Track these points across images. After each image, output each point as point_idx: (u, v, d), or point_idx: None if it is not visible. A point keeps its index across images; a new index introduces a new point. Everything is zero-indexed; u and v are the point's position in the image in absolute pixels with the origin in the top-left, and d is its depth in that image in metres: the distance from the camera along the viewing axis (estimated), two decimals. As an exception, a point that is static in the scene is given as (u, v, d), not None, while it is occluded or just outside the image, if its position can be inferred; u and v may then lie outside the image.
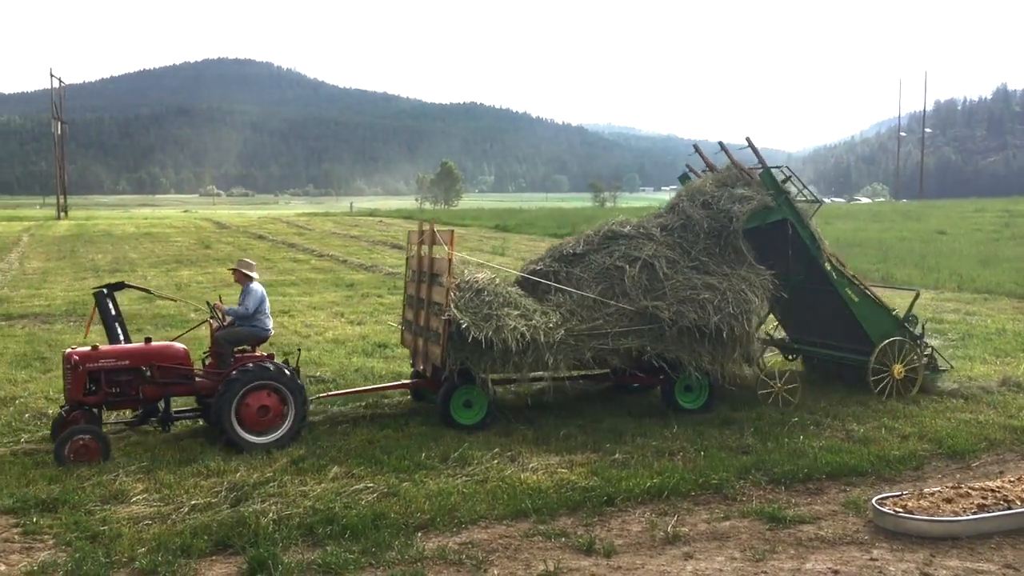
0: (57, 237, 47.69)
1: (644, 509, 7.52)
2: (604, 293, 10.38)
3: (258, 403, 9.15)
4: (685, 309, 10.14)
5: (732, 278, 10.53)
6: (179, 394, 9.69)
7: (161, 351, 9.51)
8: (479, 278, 10.34)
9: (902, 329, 11.52)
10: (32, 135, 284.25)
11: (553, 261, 10.99)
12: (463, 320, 9.62)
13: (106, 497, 7.65)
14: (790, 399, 10.84)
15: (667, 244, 10.84)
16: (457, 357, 9.75)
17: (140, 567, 6.26)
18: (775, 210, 11.09)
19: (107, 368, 9.19)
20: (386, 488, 7.84)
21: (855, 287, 11.42)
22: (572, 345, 10.00)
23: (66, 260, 33.27)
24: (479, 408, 9.97)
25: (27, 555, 6.55)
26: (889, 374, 11.19)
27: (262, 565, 6.23)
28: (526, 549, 6.69)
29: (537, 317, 9.95)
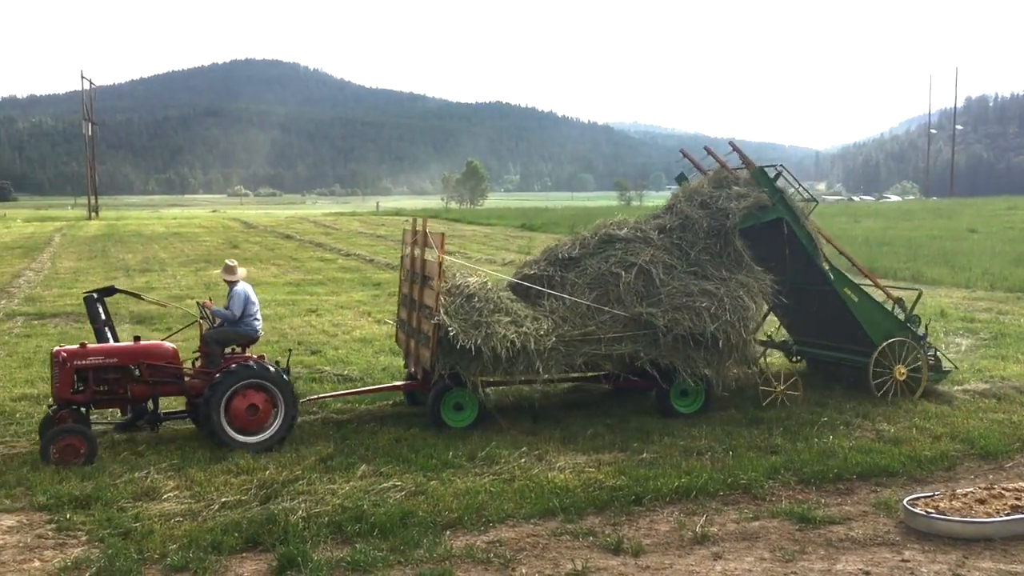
0: (88, 237, 48.27)
1: (672, 509, 7.49)
2: (598, 299, 10.19)
3: (247, 403, 9.11)
4: (680, 316, 9.97)
5: (730, 283, 10.35)
6: (168, 394, 9.68)
7: (150, 350, 9.49)
8: (471, 283, 10.20)
9: (904, 330, 11.28)
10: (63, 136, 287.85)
11: (548, 265, 10.80)
12: (452, 327, 9.49)
13: (138, 494, 7.74)
14: (792, 398, 10.69)
15: (664, 247, 10.65)
16: (446, 362, 9.62)
17: (171, 563, 6.32)
18: (771, 208, 10.93)
19: (95, 366, 9.17)
20: (414, 486, 7.87)
21: (855, 287, 11.21)
22: (563, 351, 9.84)
23: (97, 260, 33.65)
24: (470, 410, 9.87)
25: (61, 551, 6.63)
26: (891, 375, 10.97)
27: (292, 562, 6.27)
28: (554, 548, 6.68)
29: (528, 323, 9.77)
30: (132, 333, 12.86)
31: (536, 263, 11.04)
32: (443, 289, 9.81)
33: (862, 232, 41.59)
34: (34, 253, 37.29)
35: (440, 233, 10.16)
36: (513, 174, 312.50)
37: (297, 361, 13.82)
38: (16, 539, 6.87)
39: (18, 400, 11.29)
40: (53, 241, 45.35)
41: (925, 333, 11.60)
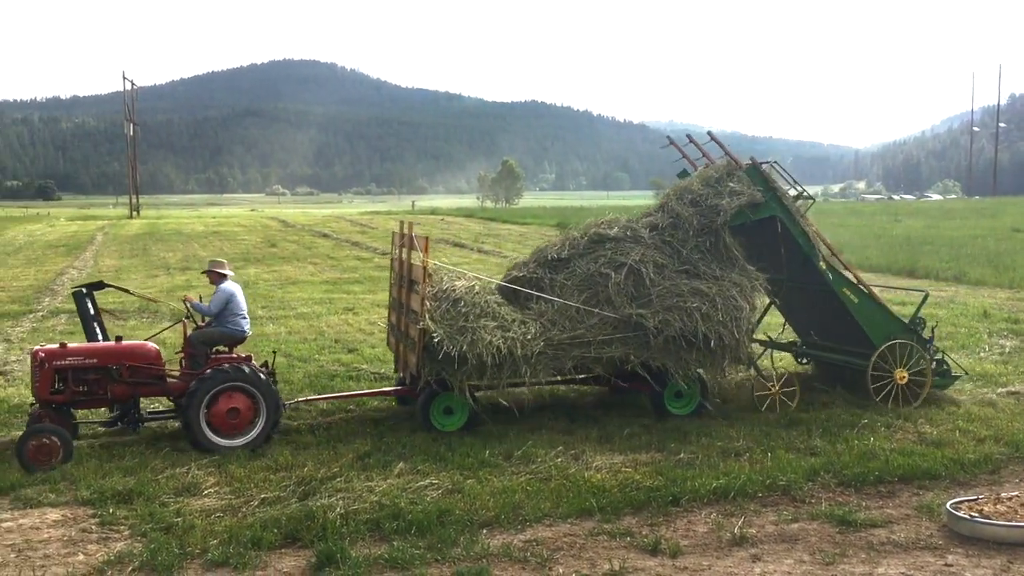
0: (130, 236, 48.97)
1: (710, 510, 7.44)
2: (588, 301, 9.99)
3: (228, 405, 9.01)
4: (671, 317, 9.78)
5: (723, 282, 10.16)
6: (149, 394, 9.63)
7: (131, 350, 9.40)
8: (457, 287, 10.00)
9: (908, 332, 10.94)
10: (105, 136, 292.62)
11: (537, 267, 10.58)
12: (437, 333, 9.33)
13: (179, 489, 7.85)
14: (788, 403, 10.51)
15: (655, 246, 10.42)
16: (432, 368, 9.46)
17: (212, 558, 6.40)
18: (764, 206, 10.69)
19: (74, 366, 9.10)
20: (451, 485, 7.89)
21: (854, 287, 10.91)
22: (552, 356, 9.67)
23: (138, 258, 34.15)
24: (461, 414, 9.77)
25: (104, 545, 6.74)
26: (891, 379, 10.66)
27: (330, 559, 6.32)
28: (591, 548, 6.67)
29: (515, 328, 9.60)
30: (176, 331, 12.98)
31: (525, 265, 10.81)
32: (429, 294, 9.65)
33: (903, 231, 41.04)
34: (77, 252, 37.94)
35: (425, 236, 10.00)
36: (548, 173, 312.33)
37: (334, 359, 13.96)
38: (61, 533, 6.99)
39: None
40: (95, 240, 46.09)
41: (931, 337, 11.23)
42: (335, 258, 33.36)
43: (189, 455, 8.81)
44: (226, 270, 10.15)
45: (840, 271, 10.95)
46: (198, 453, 8.87)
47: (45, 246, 41.86)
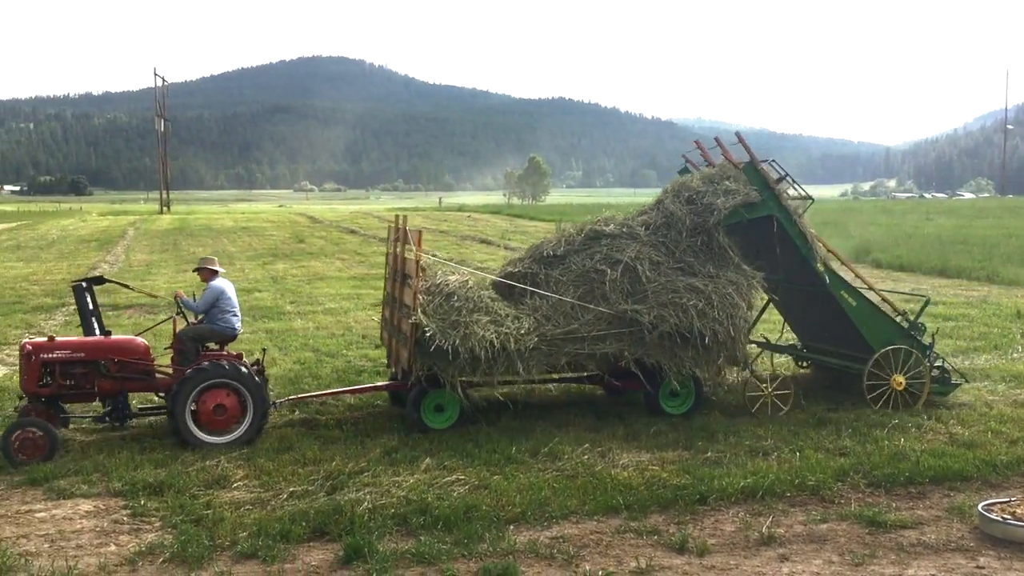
0: (160, 231, 49.50)
1: (738, 509, 7.40)
2: (583, 297, 9.90)
3: (214, 402, 8.99)
4: (667, 313, 9.67)
5: (718, 280, 10.05)
6: (137, 390, 9.61)
7: (119, 345, 9.39)
8: (450, 281, 9.89)
9: (907, 337, 10.71)
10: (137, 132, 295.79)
11: (533, 262, 10.49)
12: (429, 327, 9.23)
13: (209, 482, 7.92)
14: (781, 405, 10.34)
15: (651, 244, 10.31)
16: (424, 362, 9.35)
17: (241, 550, 6.45)
18: (760, 205, 10.52)
19: (62, 360, 9.08)
20: (477, 481, 7.90)
21: (852, 290, 10.69)
22: (545, 351, 9.57)
23: (169, 253, 34.51)
24: (451, 411, 9.67)
25: (136, 536, 6.82)
26: (888, 385, 10.45)
27: (358, 552, 6.35)
28: (617, 545, 6.66)
29: (509, 323, 9.51)
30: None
31: (521, 261, 10.71)
32: (422, 288, 9.58)
33: (934, 230, 40.58)
34: (109, 246, 38.40)
35: (418, 230, 9.94)
36: (576, 170, 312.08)
37: (362, 355, 14.04)
38: (93, 523, 7.09)
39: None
40: (127, 235, 46.63)
41: (932, 343, 10.99)
42: (362, 254, 33.51)
43: (219, 448, 8.88)
44: (217, 267, 10.13)
45: (838, 273, 10.76)
46: (228, 446, 8.94)
47: (77, 241, 42.42)
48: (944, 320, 16.80)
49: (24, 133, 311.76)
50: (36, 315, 18.34)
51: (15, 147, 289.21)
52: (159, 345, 10.97)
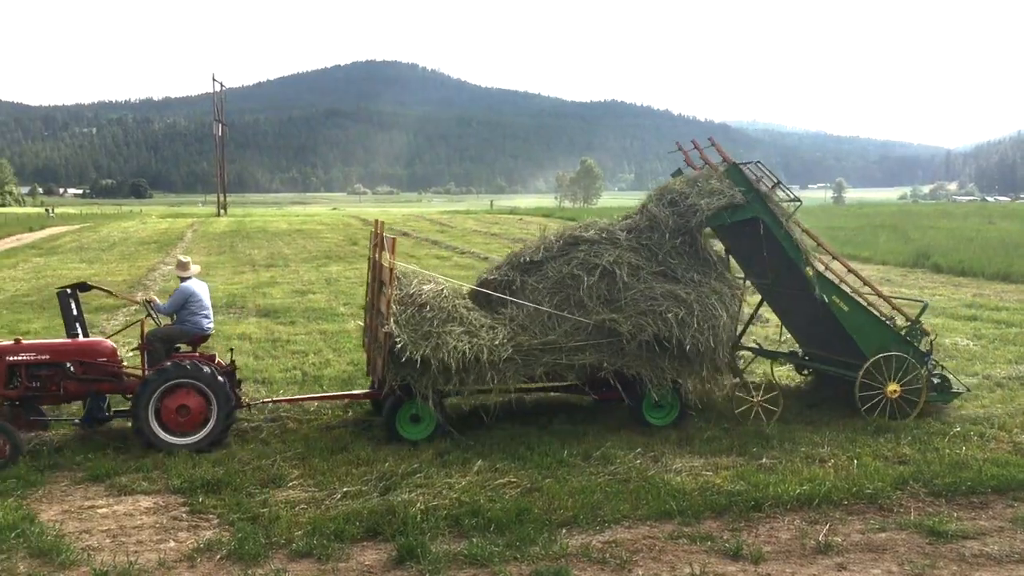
0: (218, 233, 50.35)
1: (793, 516, 7.30)
2: (560, 305, 9.70)
3: (178, 403, 8.97)
4: (645, 322, 9.43)
5: (701, 288, 9.81)
6: (104, 392, 9.57)
7: (85, 347, 9.40)
8: (424, 290, 9.72)
9: (903, 344, 10.38)
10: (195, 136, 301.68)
11: (510, 270, 10.29)
12: (400, 338, 9.08)
13: (265, 481, 8.04)
14: (772, 409, 10.11)
15: (632, 248, 10.07)
16: (397, 373, 9.19)
17: (297, 549, 6.54)
18: (745, 207, 10.26)
19: (27, 362, 9.12)
20: (529, 483, 7.90)
21: (844, 295, 10.38)
22: (521, 362, 9.36)
23: (226, 255, 35.07)
24: (428, 422, 9.45)
25: (194, 533, 6.95)
26: (881, 393, 10.13)
27: (411, 553, 6.40)
28: (671, 551, 6.61)
29: (483, 333, 9.34)
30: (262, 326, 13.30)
31: (499, 268, 10.50)
32: (396, 297, 9.48)
33: (997, 234, 39.56)
34: (168, 248, 39.16)
35: (393, 237, 9.84)
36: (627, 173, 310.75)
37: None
38: (153, 520, 7.23)
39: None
40: (185, 237, 47.52)
41: (929, 350, 10.67)
42: (415, 256, 33.70)
43: (274, 448, 9.01)
44: (189, 271, 10.14)
45: (828, 277, 10.47)
46: (284, 446, 9.07)
47: (138, 243, 43.34)
48: (1007, 327, 16.41)
49: (87, 138, 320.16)
50: (98, 315, 18.74)
51: (78, 151, 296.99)
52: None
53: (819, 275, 10.32)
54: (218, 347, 14.44)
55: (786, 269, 10.51)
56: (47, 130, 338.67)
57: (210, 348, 10.73)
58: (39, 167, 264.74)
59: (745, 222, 10.31)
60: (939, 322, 16.98)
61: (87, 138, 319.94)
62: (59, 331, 16.34)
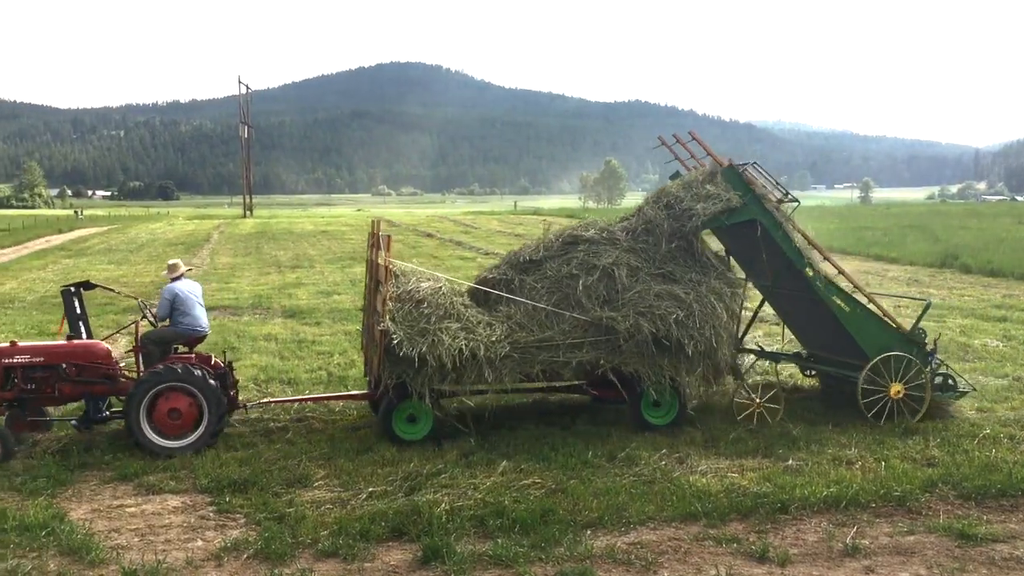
0: (243, 235, 50.73)
1: (820, 519, 7.24)
2: (558, 303, 9.65)
3: (168, 406, 8.97)
4: (644, 322, 9.36)
5: (700, 288, 9.73)
6: (99, 394, 9.58)
7: (79, 349, 9.44)
8: (422, 287, 9.67)
9: (906, 344, 10.21)
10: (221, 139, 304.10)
11: (508, 269, 10.27)
12: (396, 334, 9.03)
13: (291, 481, 8.08)
14: (770, 416, 9.99)
15: (631, 250, 10.04)
16: (393, 371, 9.15)
17: (322, 549, 6.57)
18: (742, 209, 10.17)
19: (23, 364, 9.20)
20: (554, 484, 7.89)
21: (845, 295, 10.23)
22: (518, 359, 9.29)
23: (252, 256, 35.33)
24: (425, 422, 9.41)
25: (221, 532, 7.00)
26: (885, 394, 9.98)
27: (436, 553, 6.41)
28: (696, 553, 6.58)
29: (480, 330, 9.28)
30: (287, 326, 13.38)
31: (497, 267, 10.49)
32: (392, 294, 9.46)
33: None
34: (195, 249, 39.53)
35: (388, 235, 9.82)
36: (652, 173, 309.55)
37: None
38: (181, 519, 7.30)
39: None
40: (212, 238, 47.93)
41: (934, 349, 10.48)
42: (439, 257, 33.79)
43: (299, 448, 9.06)
44: (175, 272, 10.13)
45: (829, 278, 10.31)
46: (309, 446, 9.12)
47: (165, 244, 43.76)
48: (1038, 327, 16.20)
49: (115, 140, 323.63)
50: (126, 316, 18.93)
51: (106, 154, 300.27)
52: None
53: (819, 275, 10.23)
54: (243, 348, 14.56)
55: (786, 270, 10.44)
56: (75, 133, 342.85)
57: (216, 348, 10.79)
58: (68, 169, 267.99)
59: (743, 224, 10.25)
60: (968, 323, 16.81)
61: (115, 140, 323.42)
62: (88, 332, 16.55)
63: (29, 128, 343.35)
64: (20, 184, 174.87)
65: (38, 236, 54.01)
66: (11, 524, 6.99)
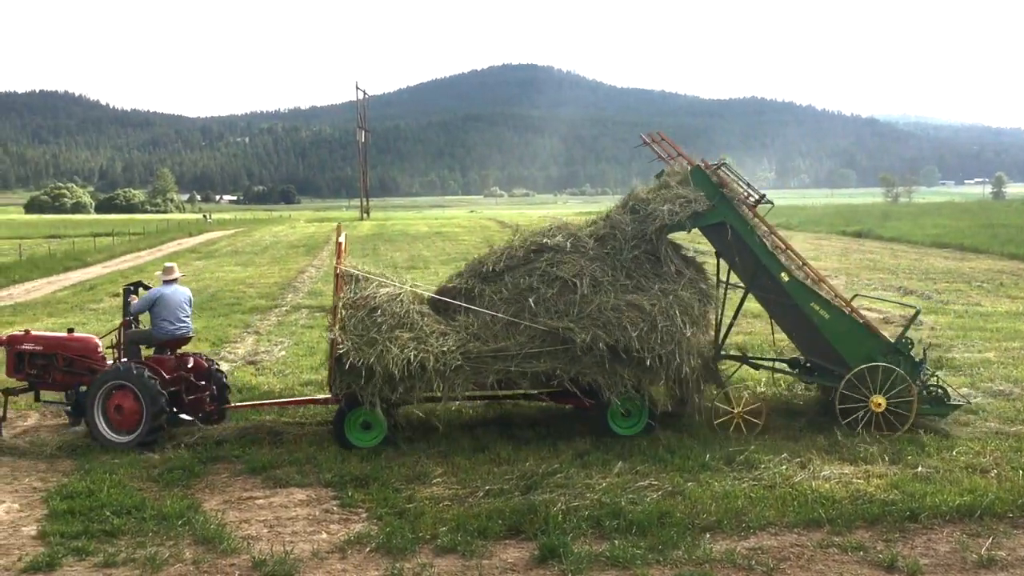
0: (361, 237, 52.02)
1: (952, 528, 6.94)
2: (517, 314, 9.36)
3: (115, 403, 9.43)
4: (602, 333, 9.04)
5: (668, 297, 9.30)
6: (85, 384, 9.96)
7: (70, 342, 10.17)
8: (380, 295, 9.51)
9: (892, 354, 9.55)
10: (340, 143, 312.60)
11: (471, 277, 10.01)
12: (344, 344, 8.92)
13: (410, 477, 8.26)
14: (755, 421, 9.51)
15: (596, 257, 9.70)
16: (343, 380, 9.05)
17: (441, 544, 6.69)
18: (711, 212, 9.70)
19: (29, 352, 10.04)
20: (671, 487, 7.82)
21: (824, 302, 9.63)
22: (471, 370, 9.10)
23: (369, 257, 36.14)
24: (379, 429, 9.30)
25: (345, 525, 7.22)
26: (866, 406, 9.37)
27: (553, 552, 6.44)
28: (820, 560, 6.41)
29: (432, 340, 9.08)
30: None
31: (460, 275, 10.26)
32: (346, 301, 9.33)
33: None
34: (315, 251, 40.77)
35: (339, 242, 9.67)
36: (768, 171, 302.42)
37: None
38: (307, 512, 7.55)
39: (305, 385, 12.34)
40: (331, 240, 49.26)
41: (923, 359, 9.86)
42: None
43: (418, 446, 9.24)
44: (167, 276, 10.42)
45: (807, 284, 9.81)
46: (427, 444, 9.29)
47: (288, 246, 45.30)
48: None
49: (240, 147, 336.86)
50: (252, 315, 19.71)
51: (232, 160, 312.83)
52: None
53: (795, 281, 9.78)
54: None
55: (762, 273, 10.00)
56: (204, 140, 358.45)
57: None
58: (197, 175, 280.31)
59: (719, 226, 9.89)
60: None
61: (240, 147, 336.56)
62: (216, 330, 17.30)
63: (162, 136, 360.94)
64: (153, 190, 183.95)
65: (171, 239, 56.79)
66: (149, 513, 7.39)
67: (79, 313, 20.34)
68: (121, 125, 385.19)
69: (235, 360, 14.47)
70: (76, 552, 6.67)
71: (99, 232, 59.52)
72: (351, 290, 9.68)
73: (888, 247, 37.38)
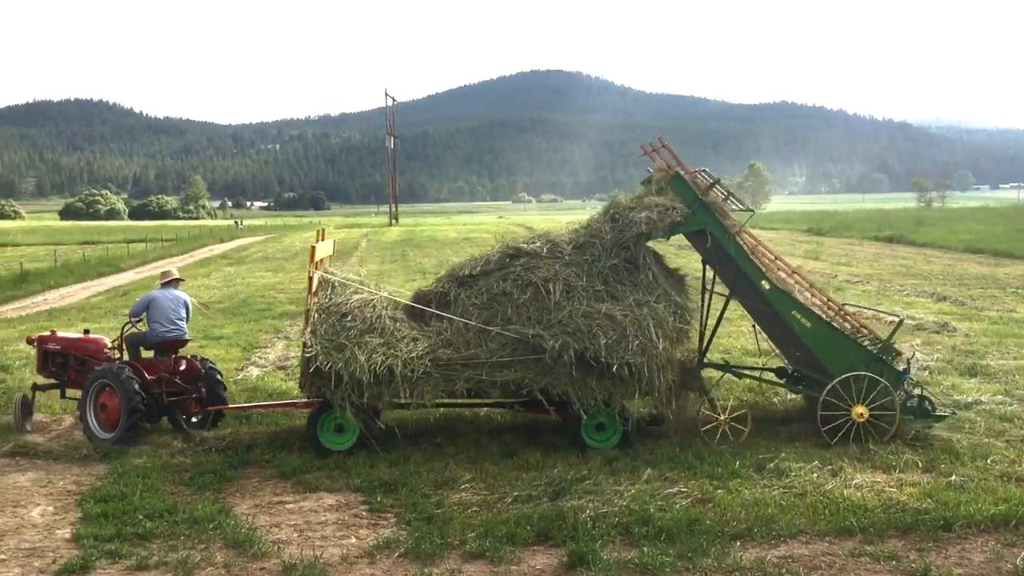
0: (390, 242, 52.32)
1: (987, 538, 6.83)
2: (489, 320, 9.32)
3: (101, 401, 9.85)
4: (572, 341, 8.94)
5: (642, 308, 9.17)
6: None
7: (81, 342, 10.77)
8: (352, 300, 9.54)
9: (875, 363, 9.36)
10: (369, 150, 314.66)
11: (447, 283, 9.97)
12: (312, 348, 8.96)
13: (439, 483, 8.27)
14: (741, 428, 9.38)
15: (573, 264, 9.59)
16: (314, 384, 9.10)
17: (470, 550, 6.69)
18: (688, 220, 9.58)
19: (51, 351, 10.66)
20: (700, 494, 7.77)
21: (806, 310, 9.46)
22: (439, 377, 9.06)
23: (398, 263, 36.37)
24: (352, 432, 9.30)
25: (374, 531, 7.24)
26: (848, 416, 9.18)
27: (582, 559, 6.42)
28: (852, 569, 6.33)
29: (402, 346, 9.08)
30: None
31: (439, 280, 10.23)
32: (321, 306, 9.35)
33: None
34: (344, 257, 41.00)
35: (312, 245, 9.73)
36: (798, 176, 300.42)
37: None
38: (336, 517, 7.59)
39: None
40: (360, 246, 49.63)
41: (906, 368, 9.66)
42: (580, 264, 33.78)
43: (446, 451, 9.26)
44: (167, 280, 10.79)
45: (789, 292, 9.63)
46: (455, 449, 9.30)
47: (317, 252, 45.51)
48: None
49: (271, 154, 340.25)
50: (282, 320, 19.86)
51: (263, 166, 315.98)
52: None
53: (776, 290, 9.62)
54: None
55: (743, 280, 9.88)
56: (236, 147, 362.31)
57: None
58: (228, 182, 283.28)
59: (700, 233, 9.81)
60: None
61: (271, 154, 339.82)
62: (247, 335, 17.44)
63: (194, 144, 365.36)
64: (186, 196, 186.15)
65: (203, 245, 57.42)
66: (181, 517, 7.46)
67: (112, 318, 20.57)
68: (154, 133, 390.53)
69: (265, 365, 14.60)
70: (109, 555, 6.75)
71: (132, 238, 60.31)
72: (326, 295, 9.79)
73: (921, 252, 36.96)
